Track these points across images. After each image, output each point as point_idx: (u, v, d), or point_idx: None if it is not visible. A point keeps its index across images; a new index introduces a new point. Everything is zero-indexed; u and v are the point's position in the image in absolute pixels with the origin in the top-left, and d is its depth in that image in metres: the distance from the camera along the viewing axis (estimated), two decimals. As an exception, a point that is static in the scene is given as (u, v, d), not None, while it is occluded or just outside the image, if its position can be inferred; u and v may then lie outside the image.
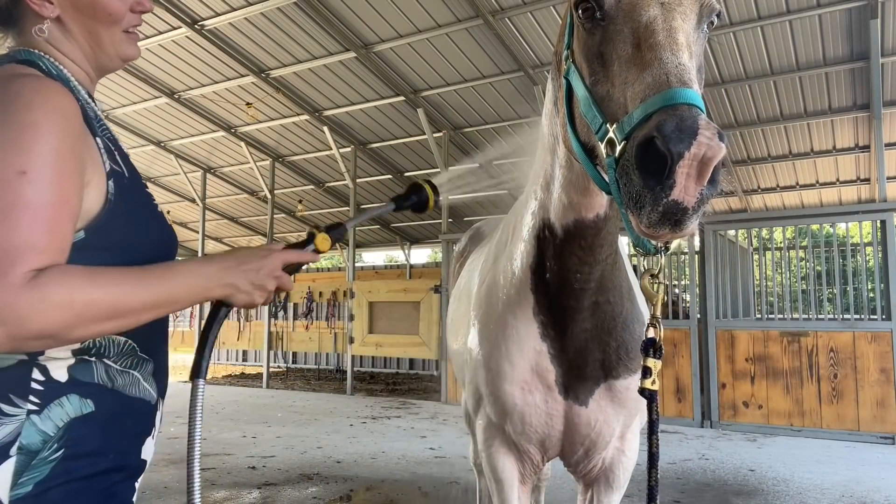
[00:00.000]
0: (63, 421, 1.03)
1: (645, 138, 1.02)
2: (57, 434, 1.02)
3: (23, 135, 0.96)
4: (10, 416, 1.00)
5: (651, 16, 1.19)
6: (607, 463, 1.96)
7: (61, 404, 1.03)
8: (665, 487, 5.15)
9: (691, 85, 1.07)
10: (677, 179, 0.99)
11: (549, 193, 1.69)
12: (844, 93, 9.19)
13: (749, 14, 7.76)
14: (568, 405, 1.82)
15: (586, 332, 1.73)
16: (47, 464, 1.01)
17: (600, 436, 1.87)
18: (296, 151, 13.19)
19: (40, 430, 1.01)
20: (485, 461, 2.05)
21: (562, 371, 1.79)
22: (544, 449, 1.93)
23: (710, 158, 0.98)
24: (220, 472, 5.60)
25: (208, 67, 10.36)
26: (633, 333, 1.81)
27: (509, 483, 1.99)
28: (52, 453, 1.01)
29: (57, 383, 1.03)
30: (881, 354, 6.97)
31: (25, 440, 1.00)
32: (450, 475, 5.50)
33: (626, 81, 1.15)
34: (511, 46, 8.72)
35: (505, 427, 1.94)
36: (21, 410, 1.00)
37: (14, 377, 1.01)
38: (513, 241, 1.91)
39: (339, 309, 15.32)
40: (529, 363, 1.80)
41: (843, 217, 7.75)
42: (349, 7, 8.50)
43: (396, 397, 11.11)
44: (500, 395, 1.87)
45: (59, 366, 1.04)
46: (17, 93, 1.00)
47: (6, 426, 0.99)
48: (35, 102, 0.99)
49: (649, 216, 1.04)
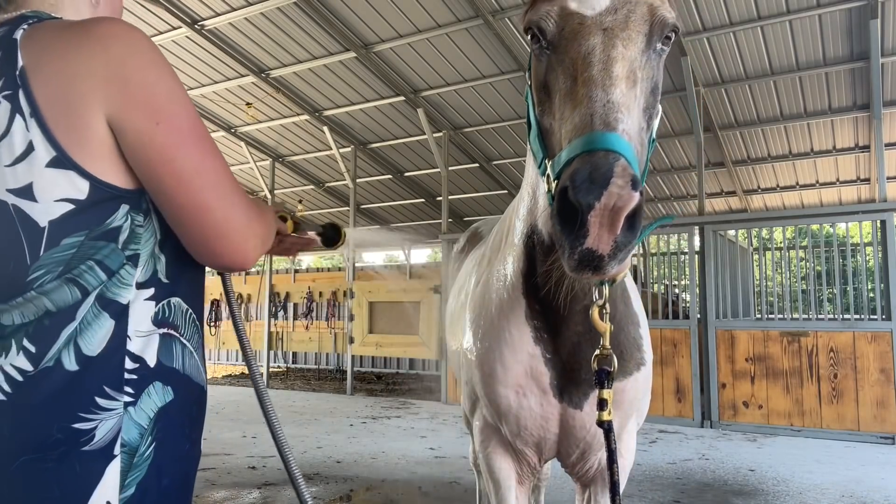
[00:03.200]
0: (153, 411, 0.97)
1: (561, 188, 1.04)
2: (150, 426, 0.96)
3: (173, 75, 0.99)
4: (107, 410, 0.92)
5: (590, 46, 1.17)
6: (604, 464, 1.96)
7: (149, 393, 0.97)
8: (665, 487, 5.15)
9: (616, 126, 1.06)
10: (590, 229, 1.00)
11: (535, 200, 1.68)
12: (844, 93, 9.18)
13: (749, 14, 7.76)
14: (563, 408, 1.81)
15: (579, 335, 1.72)
16: (145, 461, 0.95)
17: (595, 438, 1.87)
18: (296, 151, 13.19)
19: (136, 423, 0.94)
20: (482, 462, 2.05)
21: (556, 374, 1.78)
22: (540, 450, 1.93)
23: (621, 208, 0.98)
24: (220, 472, 5.60)
25: (208, 67, 10.36)
26: (627, 335, 1.81)
27: (506, 484, 1.98)
28: (148, 448, 0.95)
29: (147, 369, 0.97)
30: (881, 354, 6.97)
31: (126, 436, 0.93)
32: (450, 475, 5.49)
33: (562, 117, 1.16)
34: (511, 46, 8.72)
35: (501, 428, 1.94)
36: (118, 403, 0.93)
37: (107, 366, 0.93)
38: (506, 245, 1.90)
39: (339, 309, 15.31)
40: (523, 367, 1.79)
41: (843, 217, 7.74)
42: (349, 7, 8.50)
43: (396, 397, 11.12)
44: (494, 398, 1.88)
45: (149, 347, 0.98)
46: (133, 36, 0.95)
47: (106, 422, 0.91)
48: (151, 44, 0.98)
49: (569, 261, 1.06)
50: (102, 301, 0.94)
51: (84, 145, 0.91)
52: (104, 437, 0.91)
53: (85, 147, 0.91)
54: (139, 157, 0.93)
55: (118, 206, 0.95)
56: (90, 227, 0.93)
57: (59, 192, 0.90)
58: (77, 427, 0.90)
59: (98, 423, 0.91)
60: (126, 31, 0.95)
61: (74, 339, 0.92)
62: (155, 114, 0.92)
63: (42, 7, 1.06)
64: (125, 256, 0.96)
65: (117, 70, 0.91)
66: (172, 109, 0.94)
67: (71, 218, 0.91)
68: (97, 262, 0.93)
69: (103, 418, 0.91)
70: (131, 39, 0.94)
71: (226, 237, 0.98)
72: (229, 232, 0.98)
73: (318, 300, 15.99)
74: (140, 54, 0.94)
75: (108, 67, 0.91)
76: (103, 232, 0.94)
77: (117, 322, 0.95)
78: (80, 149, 0.91)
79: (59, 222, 0.91)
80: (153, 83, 0.93)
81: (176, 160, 0.93)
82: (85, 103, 0.90)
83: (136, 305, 0.97)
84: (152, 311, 0.99)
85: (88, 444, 0.90)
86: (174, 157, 0.93)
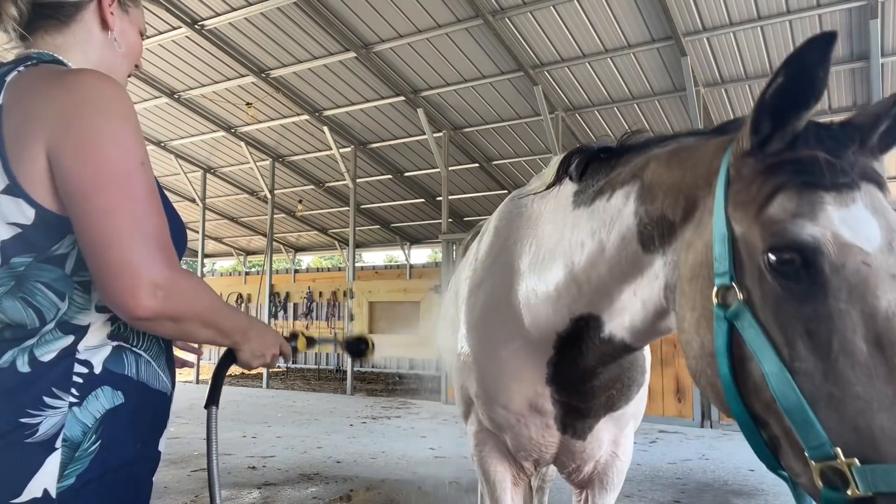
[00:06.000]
0: (99, 413, 1.06)
1: None
2: (94, 426, 1.05)
3: (127, 127, 1.05)
4: (53, 408, 1.02)
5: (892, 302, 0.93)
6: (601, 467, 1.96)
7: (97, 396, 1.06)
8: (665, 487, 5.16)
9: None
10: None
11: (606, 301, 1.50)
12: (844, 93, 9.19)
13: (749, 14, 7.76)
14: (564, 438, 1.81)
15: (595, 385, 1.70)
16: (87, 456, 1.04)
17: (593, 456, 1.88)
18: (296, 151, 13.19)
19: (80, 421, 1.04)
20: (477, 464, 2.05)
21: (562, 412, 1.76)
22: (537, 462, 1.94)
23: None
24: (220, 472, 5.59)
25: (208, 67, 10.37)
26: (636, 367, 1.79)
27: (502, 486, 1.98)
28: (92, 444, 1.05)
29: (94, 375, 1.07)
30: (881, 354, 6.95)
31: (69, 432, 1.02)
32: (450, 475, 5.50)
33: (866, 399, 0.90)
34: (511, 46, 8.72)
35: (498, 434, 1.94)
36: (63, 402, 1.03)
37: (56, 370, 1.04)
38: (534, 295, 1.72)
39: (339, 309, 15.33)
40: (528, 401, 1.76)
41: (843, 217, 7.73)
42: (349, 7, 8.51)
43: (396, 397, 11.11)
44: (494, 417, 1.87)
45: (97, 356, 1.08)
46: (101, 88, 1.05)
47: (50, 418, 1.01)
48: (120, 96, 1.07)
49: None
50: (65, 327, 1.06)
51: (30, 176, 1.02)
52: (47, 432, 1.01)
53: (31, 178, 1.02)
54: (63, 189, 1.02)
55: (63, 235, 1.05)
56: (37, 251, 1.04)
57: (11, 216, 1.03)
58: (23, 421, 1.00)
59: (43, 418, 1.01)
60: (94, 82, 1.05)
61: (31, 348, 1.04)
62: (84, 154, 1.01)
63: (50, 49, 1.18)
64: (75, 282, 1.06)
65: (67, 113, 1.02)
66: (105, 154, 1.02)
67: (19, 240, 1.03)
68: (46, 285, 1.05)
69: (48, 415, 1.02)
70: (95, 90, 1.04)
71: (118, 277, 0.99)
72: (122, 273, 0.99)
73: (318, 300, 16.01)
74: (95, 102, 1.03)
75: (60, 110, 1.02)
76: (49, 257, 1.05)
77: (75, 337, 1.07)
78: (27, 179, 1.02)
79: (10, 243, 1.04)
80: (93, 128, 1.02)
81: (91, 199, 1.00)
82: (34, 138, 1.02)
83: (96, 326, 1.08)
84: (109, 329, 1.10)
85: (32, 436, 1.00)
86: (91, 195, 1.00)
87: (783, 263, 0.99)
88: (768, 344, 1.00)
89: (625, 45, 8.51)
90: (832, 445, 0.91)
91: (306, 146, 12.89)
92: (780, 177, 1.04)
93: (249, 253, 19.96)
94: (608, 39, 8.47)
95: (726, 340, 1.08)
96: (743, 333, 1.04)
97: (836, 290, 0.95)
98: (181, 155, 13.73)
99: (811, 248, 0.97)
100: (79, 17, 1.20)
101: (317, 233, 17.73)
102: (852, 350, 0.92)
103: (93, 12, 1.22)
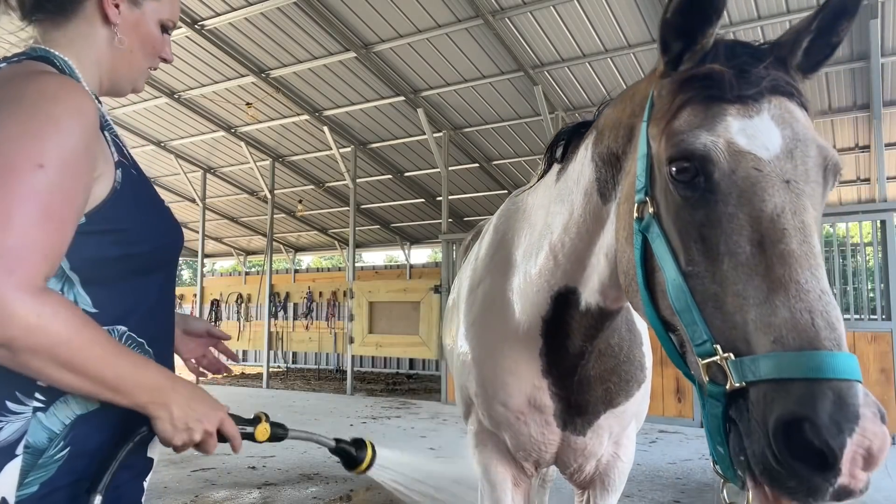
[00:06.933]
0: (69, 419, 1.01)
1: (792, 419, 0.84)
2: (63, 432, 1.00)
3: (45, 128, 0.95)
4: (15, 413, 0.97)
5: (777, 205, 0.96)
6: (602, 468, 1.95)
7: (66, 401, 1.01)
8: (665, 487, 5.16)
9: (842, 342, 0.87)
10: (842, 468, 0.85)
11: (578, 267, 1.53)
12: (844, 93, 9.19)
13: (749, 14, 7.76)
14: (565, 435, 1.81)
15: (592, 375, 1.71)
16: (54, 462, 0.99)
17: (594, 454, 1.88)
18: (296, 151, 13.19)
19: (46, 427, 0.99)
20: (477, 464, 2.05)
21: (561, 407, 1.76)
22: (537, 463, 1.94)
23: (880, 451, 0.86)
24: (220, 472, 5.60)
25: (208, 67, 10.36)
26: (632, 361, 1.79)
27: (502, 486, 1.98)
28: (59, 451, 1.00)
29: None
30: (881, 354, 6.96)
31: (32, 438, 0.98)
32: (451, 475, 5.49)
33: (743, 296, 0.94)
34: (511, 46, 8.72)
35: (498, 434, 1.93)
36: (27, 408, 0.98)
37: (20, 375, 0.98)
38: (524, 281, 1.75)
39: (339, 309, 15.32)
40: (527, 396, 1.77)
41: (843, 217, 7.75)
42: (349, 7, 8.50)
43: (396, 397, 11.12)
44: (494, 415, 1.87)
45: None
46: (40, 88, 1.00)
47: (12, 424, 0.97)
48: (59, 98, 0.99)
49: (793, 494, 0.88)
50: None
51: None
52: (7, 438, 0.96)
53: None
54: None
55: None
56: None
57: None
58: None
59: (4, 424, 0.96)
60: (31, 83, 1.00)
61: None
62: None
63: (50, 43, 1.14)
64: None
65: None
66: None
67: None
68: None
69: (10, 420, 0.97)
70: (26, 88, 0.98)
71: None
72: None
73: (318, 300, 16.00)
74: (14, 100, 0.97)
75: None
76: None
77: None
78: None
79: None
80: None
81: None
82: None
83: None
84: None
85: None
86: None
87: (681, 172, 1.04)
88: (669, 252, 1.06)
89: (625, 45, 8.51)
90: (714, 342, 0.96)
91: (306, 146, 12.88)
92: (688, 92, 1.09)
93: (249, 253, 19.96)
94: (608, 39, 8.47)
95: (640, 253, 1.15)
96: (652, 244, 1.11)
97: (725, 195, 1.00)
98: (181, 155, 13.73)
99: (702, 155, 1.01)
100: (79, 11, 1.15)
101: (317, 233, 17.73)
102: (736, 251, 0.96)
103: (94, 5, 1.16)
